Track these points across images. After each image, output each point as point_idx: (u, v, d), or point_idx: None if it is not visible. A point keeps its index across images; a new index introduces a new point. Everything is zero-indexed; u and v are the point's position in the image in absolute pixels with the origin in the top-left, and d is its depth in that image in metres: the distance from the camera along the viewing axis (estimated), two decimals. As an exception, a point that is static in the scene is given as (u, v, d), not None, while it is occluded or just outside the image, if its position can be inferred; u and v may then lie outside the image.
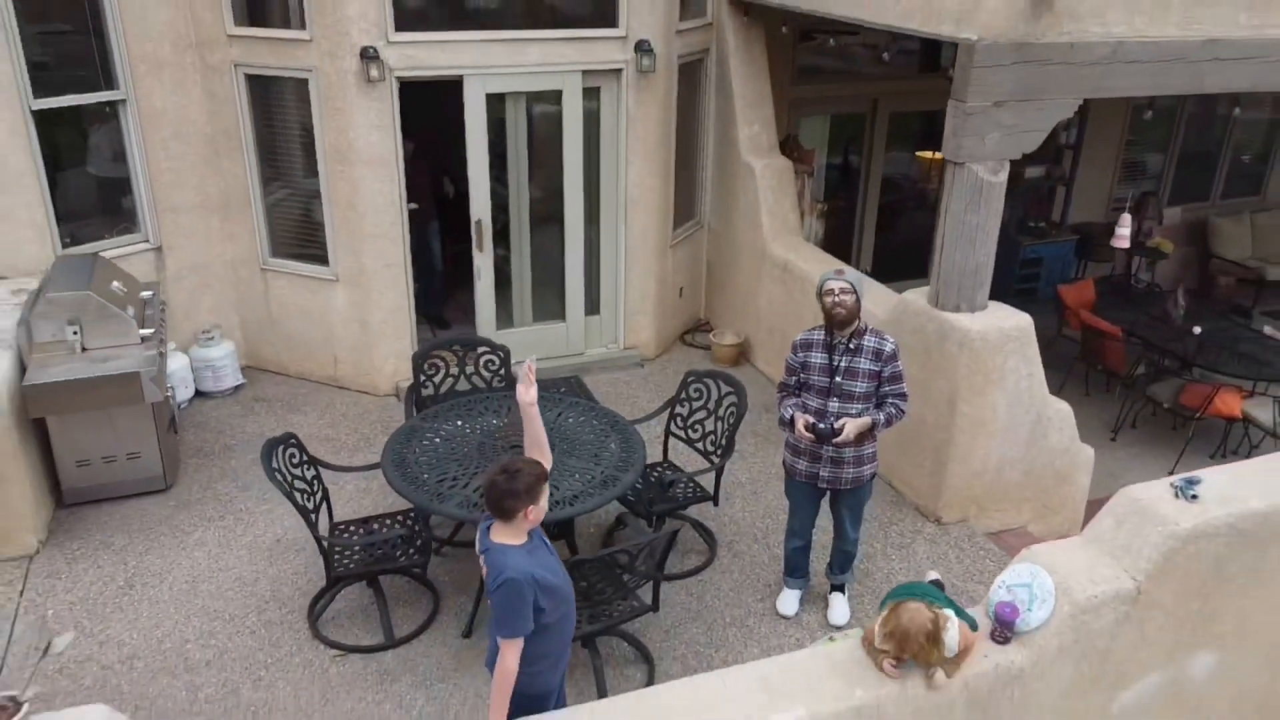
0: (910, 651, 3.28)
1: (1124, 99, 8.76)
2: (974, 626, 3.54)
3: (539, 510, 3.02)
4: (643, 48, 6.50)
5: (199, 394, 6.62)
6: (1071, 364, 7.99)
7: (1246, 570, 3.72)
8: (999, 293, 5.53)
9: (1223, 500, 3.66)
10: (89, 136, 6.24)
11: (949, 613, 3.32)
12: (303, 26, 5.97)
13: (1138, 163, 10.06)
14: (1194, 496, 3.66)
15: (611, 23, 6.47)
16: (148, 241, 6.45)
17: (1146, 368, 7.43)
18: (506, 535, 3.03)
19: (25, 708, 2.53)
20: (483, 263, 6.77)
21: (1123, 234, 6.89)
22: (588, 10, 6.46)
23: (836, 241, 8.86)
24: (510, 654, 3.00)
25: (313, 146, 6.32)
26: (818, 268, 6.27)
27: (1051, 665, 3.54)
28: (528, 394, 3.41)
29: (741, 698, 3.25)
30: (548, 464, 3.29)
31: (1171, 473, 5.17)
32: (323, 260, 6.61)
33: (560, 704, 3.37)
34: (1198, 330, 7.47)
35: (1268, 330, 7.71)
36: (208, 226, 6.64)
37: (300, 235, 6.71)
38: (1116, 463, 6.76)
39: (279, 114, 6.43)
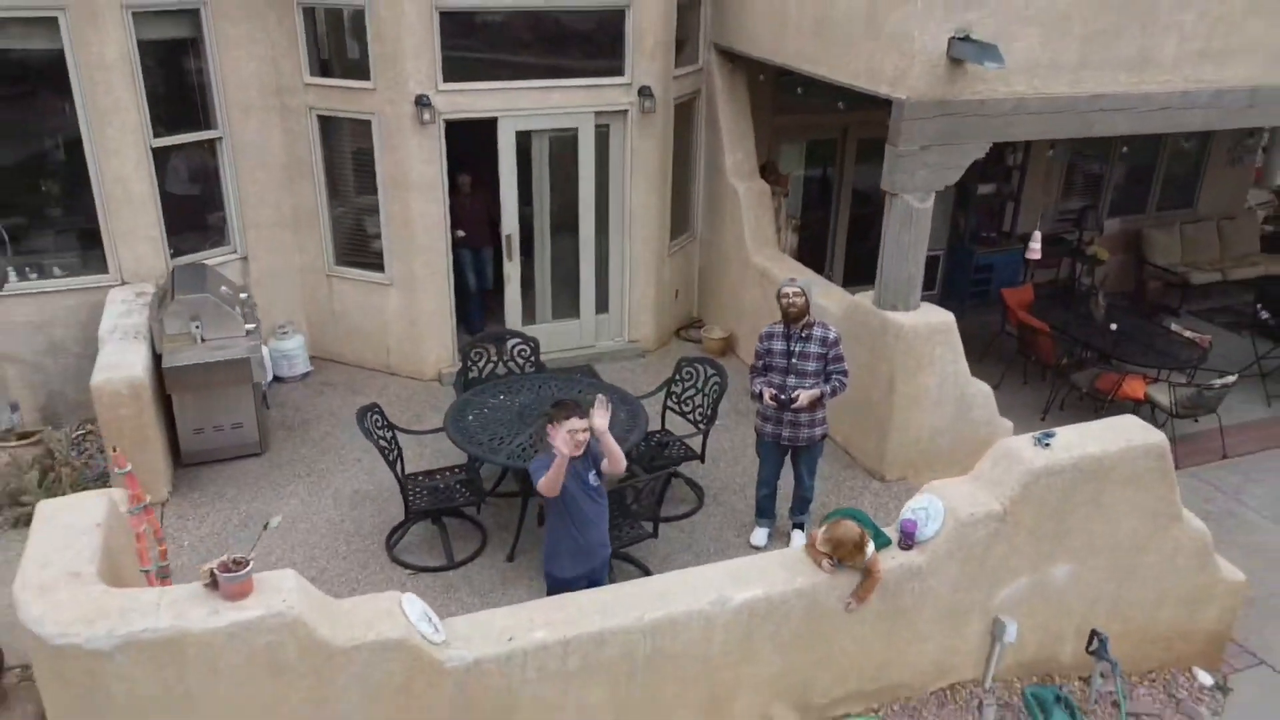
0: (841, 554, 4.64)
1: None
2: (889, 542, 4.90)
3: (558, 433, 4.39)
4: (644, 92, 7.85)
5: (276, 379, 7.97)
6: (1012, 356, 9.34)
7: (1089, 500, 5.07)
8: (957, 295, 6.85)
9: (1067, 448, 5.01)
10: (191, 166, 7.58)
11: (869, 535, 4.67)
12: (368, 78, 7.32)
13: (1079, 179, 11.42)
14: (1047, 445, 5.01)
15: (619, 72, 7.82)
16: (236, 251, 7.80)
17: (1070, 359, 8.78)
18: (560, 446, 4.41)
19: (251, 564, 3.85)
20: (512, 270, 8.13)
21: (1034, 248, 8.19)
22: (599, 62, 7.81)
23: (813, 251, 10.22)
24: (543, 483, 4.43)
25: (372, 174, 7.67)
26: (791, 274, 7.61)
27: (942, 565, 4.89)
28: (599, 423, 4.55)
29: (717, 583, 4.60)
30: (620, 470, 4.63)
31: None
32: (379, 268, 7.96)
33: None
34: (1114, 327, 8.82)
35: (1174, 327, 9.04)
36: (283, 239, 7.99)
37: (359, 247, 8.06)
38: (1039, 437, 8.09)
39: (344, 147, 7.78)
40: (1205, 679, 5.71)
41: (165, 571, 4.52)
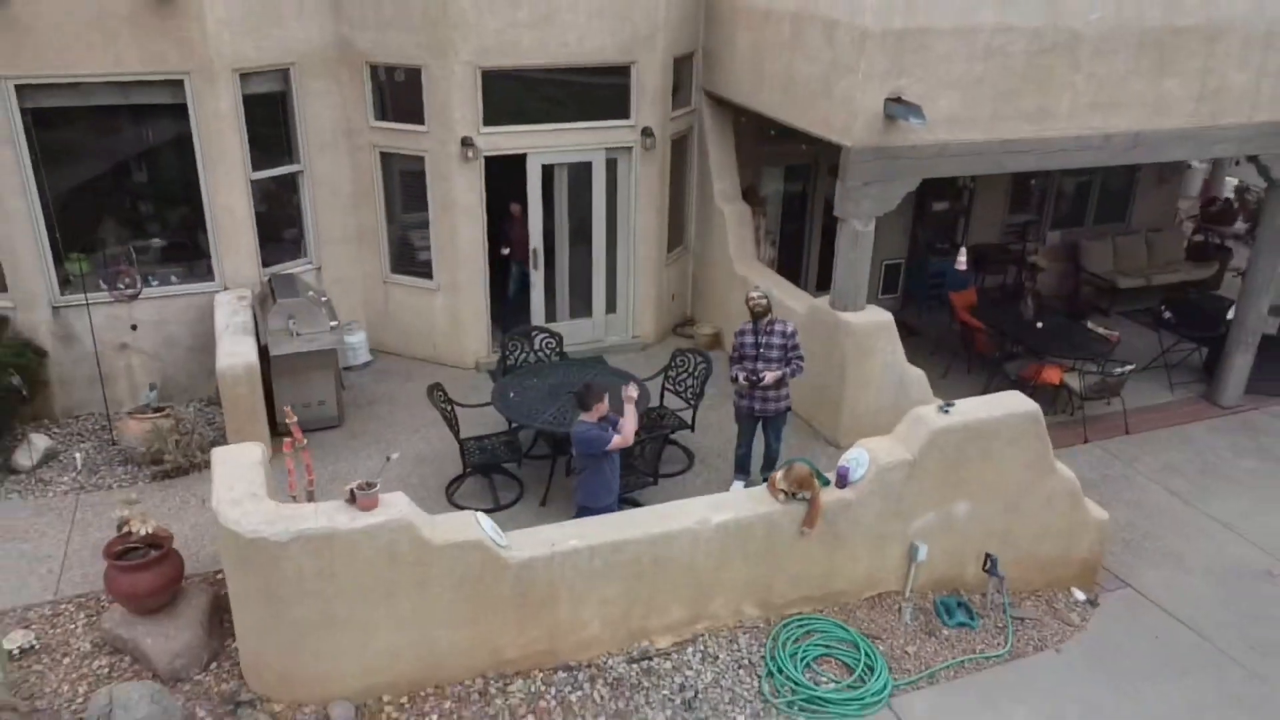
0: (795, 487, 6.34)
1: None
2: (828, 482, 6.61)
3: (602, 407, 6.09)
4: (646, 132, 9.56)
5: (344, 368, 9.67)
6: (958, 349, 11.06)
7: (980, 453, 6.77)
8: (915, 298, 8.43)
9: (963, 414, 6.72)
10: (278, 194, 9.28)
11: (816, 478, 6.38)
12: (422, 123, 9.03)
13: (1024, 197, 13.11)
14: (947, 411, 6.72)
15: (625, 115, 9.53)
16: (311, 263, 9.50)
17: (1002, 352, 10.49)
18: (585, 417, 6.11)
19: (378, 486, 5.52)
20: (536, 277, 9.84)
21: (961, 261, 9.88)
22: (609, 108, 9.51)
23: (791, 259, 11.93)
24: (614, 444, 6.15)
25: (423, 199, 9.37)
26: (766, 282, 9.32)
27: (868, 501, 6.60)
28: (630, 392, 6.38)
29: (701, 509, 6.31)
30: (629, 443, 6.32)
31: None
32: (428, 275, 9.67)
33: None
34: (1040, 325, 10.52)
35: (1090, 325, 10.74)
36: (349, 252, 9.69)
37: (411, 258, 9.77)
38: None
39: (400, 177, 9.49)
40: (1079, 596, 7.40)
41: (311, 496, 6.20)
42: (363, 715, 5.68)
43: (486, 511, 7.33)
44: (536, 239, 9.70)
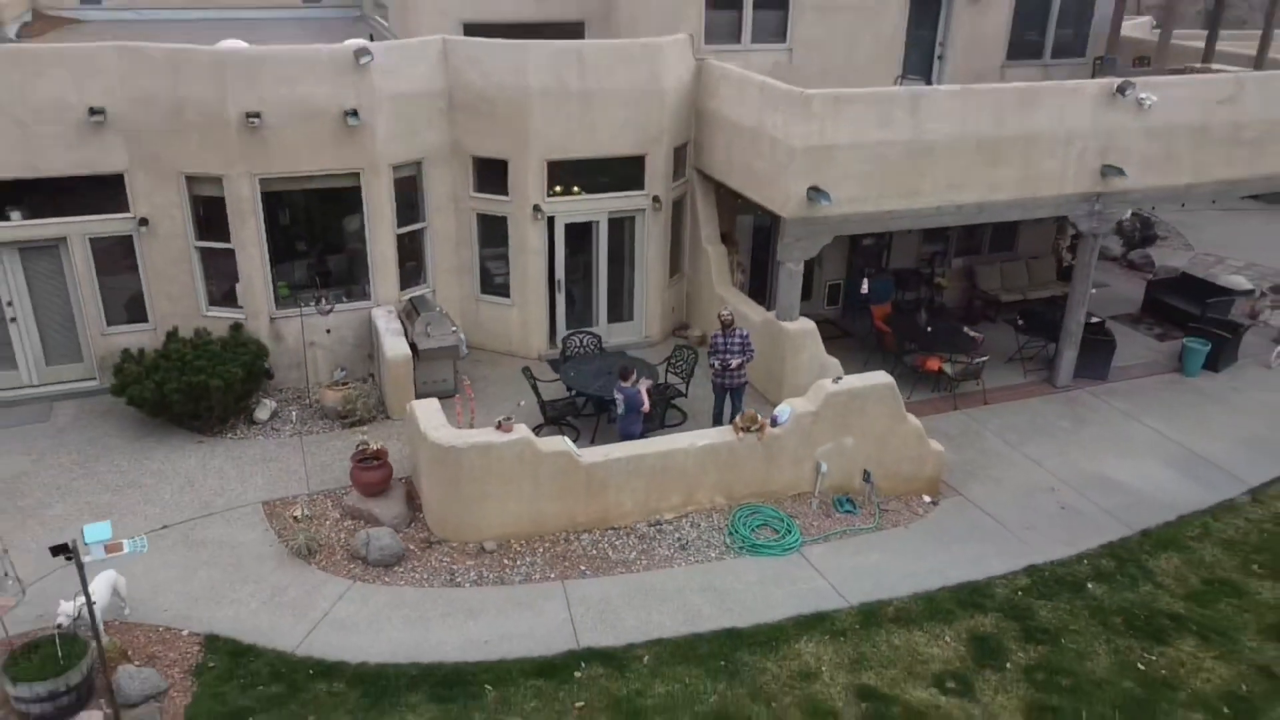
0: (747, 424, 10.89)
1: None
2: (773, 423, 11.15)
3: (633, 378, 10.66)
4: (656, 199, 14.08)
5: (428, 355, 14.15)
6: (874, 346, 15.57)
7: (858, 409, 11.27)
8: (851, 309, 12.83)
9: (847, 384, 11.24)
10: (410, 242, 13.76)
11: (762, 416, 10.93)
12: (506, 194, 13.55)
13: (934, 232, 17.57)
14: (838, 383, 11.24)
15: (641, 188, 14.05)
16: (429, 287, 14.02)
17: (902, 349, 15.00)
18: (624, 384, 10.67)
19: (511, 419, 9.94)
20: (560, 299, 14.38)
21: (864, 286, 14.35)
22: (630, 181, 14.02)
23: (758, 282, 16.40)
24: (645, 403, 10.67)
25: (504, 243, 13.88)
26: (737, 300, 13.83)
27: (790, 434, 11.13)
28: (646, 385, 10.92)
29: (689, 439, 10.85)
30: (647, 409, 10.87)
31: (908, 398, 12.59)
32: (505, 295, 14.18)
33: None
34: (929, 329, 15.04)
35: (965, 329, 15.25)
36: (452, 279, 14.20)
37: (493, 283, 14.28)
38: (878, 391, 14.30)
39: (486, 229, 14.00)
40: (926, 499, 11.91)
41: (473, 425, 10.71)
42: (501, 546, 10.22)
43: (559, 444, 11.93)
44: (560, 273, 14.19)
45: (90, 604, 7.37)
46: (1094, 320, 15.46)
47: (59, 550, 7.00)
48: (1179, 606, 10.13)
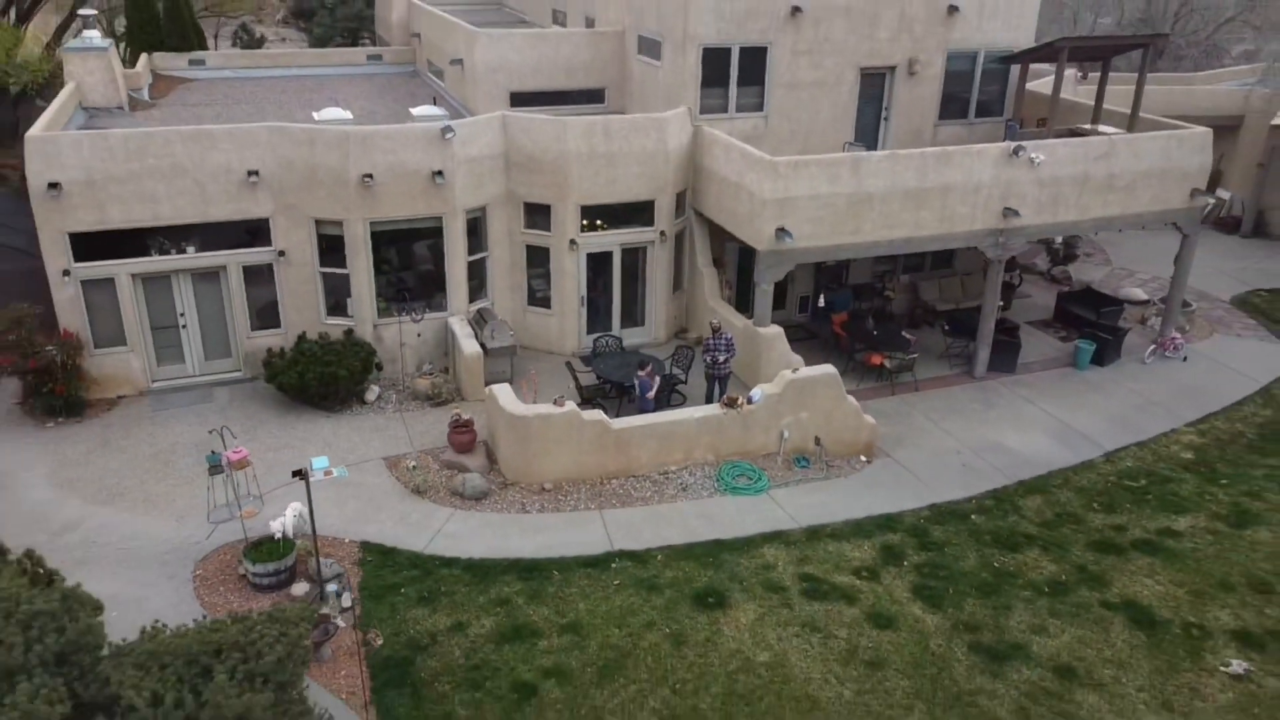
0: (729, 402, 15.20)
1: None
2: (748, 401, 15.45)
3: (649, 368, 14.97)
4: (662, 233, 18.38)
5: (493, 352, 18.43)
6: (834, 346, 19.84)
7: (811, 391, 15.57)
8: (818, 317, 17.14)
9: (803, 374, 15.52)
10: (476, 266, 18.02)
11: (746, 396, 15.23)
12: (549, 230, 17.84)
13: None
14: (795, 372, 15.52)
15: (651, 224, 18.34)
16: (489, 300, 18.29)
17: (854, 348, 19.27)
18: (641, 374, 14.99)
19: (564, 398, 14.15)
20: (583, 310, 18.69)
21: (823, 299, 18.60)
22: (644, 219, 18.30)
23: (744, 295, 20.67)
24: (653, 387, 14.96)
25: (547, 267, 18.15)
26: (724, 311, 18.11)
27: (761, 410, 15.42)
28: (654, 379, 15.22)
29: (688, 413, 15.15)
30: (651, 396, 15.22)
31: (858, 387, 16.87)
32: (548, 307, 18.47)
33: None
34: (875, 333, 19.32)
35: (904, 332, 19.51)
36: (507, 295, 18.47)
37: (539, 297, 18.56)
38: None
39: (535, 256, 18.27)
40: (862, 459, 16.18)
41: (535, 401, 15.00)
42: (556, 487, 14.50)
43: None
44: (583, 289, 18.45)
45: (311, 509, 11.63)
46: (1011, 324, 19.79)
47: (297, 473, 11.27)
48: (1033, 530, 14.41)
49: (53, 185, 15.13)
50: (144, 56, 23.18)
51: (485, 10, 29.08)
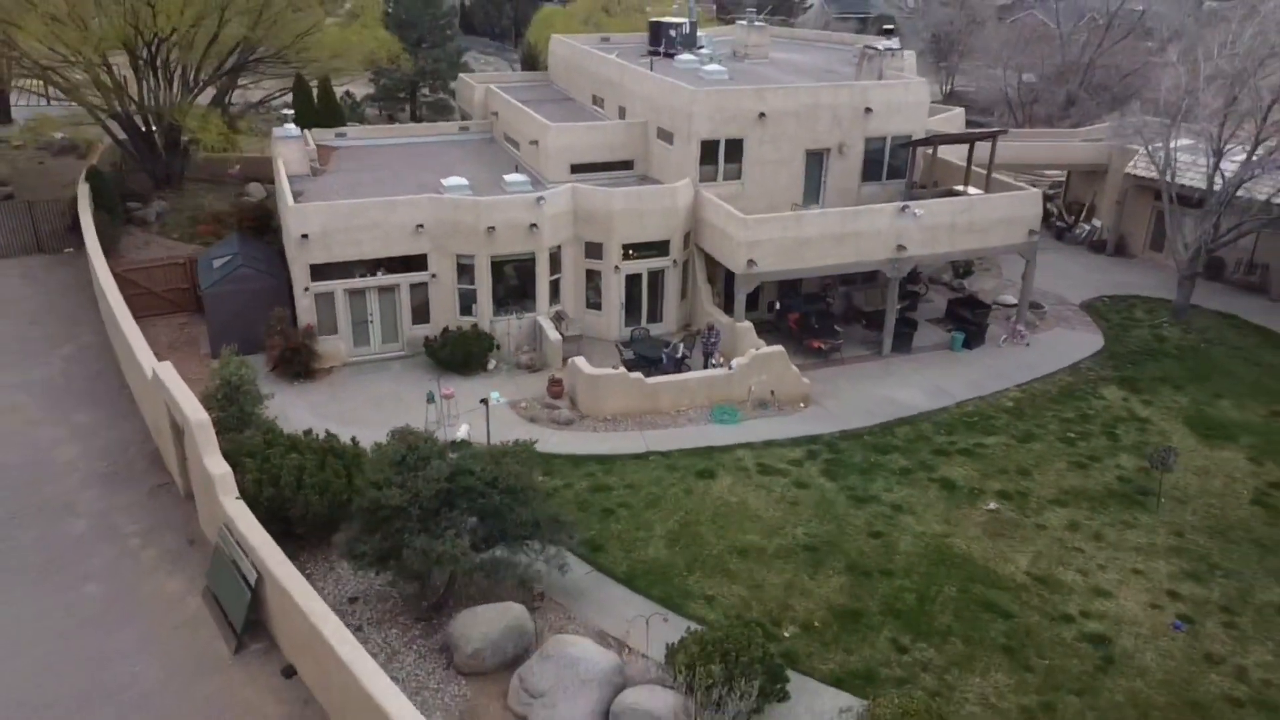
0: (722, 360, 24.91)
1: (810, 260, 30.32)
2: (730, 368, 25.13)
3: (672, 348, 24.68)
4: (675, 261, 28.03)
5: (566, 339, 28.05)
6: (790, 335, 29.47)
7: (768, 364, 25.19)
8: (779, 316, 26.76)
9: (761, 351, 25.14)
10: (555, 283, 27.63)
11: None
12: (600, 259, 27.47)
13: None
14: (757, 350, 25.14)
15: (667, 254, 27.98)
16: (562, 305, 27.91)
17: (804, 337, 28.88)
18: (666, 351, 24.68)
19: (618, 364, 23.59)
20: (632, 309, 28.39)
21: (777, 304, 28.17)
22: (660, 252, 27.93)
23: (729, 304, 30.29)
24: (675, 358, 24.67)
25: (599, 284, 27.77)
26: (716, 312, 27.73)
27: (737, 374, 25.09)
28: (674, 355, 24.92)
29: (693, 375, 24.82)
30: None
31: (805, 362, 26.36)
32: (599, 309, 28.11)
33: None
34: (817, 326, 28.93)
35: (835, 327, 29.10)
36: (572, 300, 28.08)
37: (593, 302, 28.20)
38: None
39: (591, 276, 27.90)
40: (801, 405, 25.78)
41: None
42: (614, 419, 24.12)
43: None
44: (622, 297, 28.08)
45: (488, 423, 21.22)
46: (910, 319, 29.45)
47: (483, 400, 20.88)
48: (898, 443, 24.02)
49: (303, 235, 24.75)
50: (307, 132, 32.76)
51: (536, 86, 38.66)
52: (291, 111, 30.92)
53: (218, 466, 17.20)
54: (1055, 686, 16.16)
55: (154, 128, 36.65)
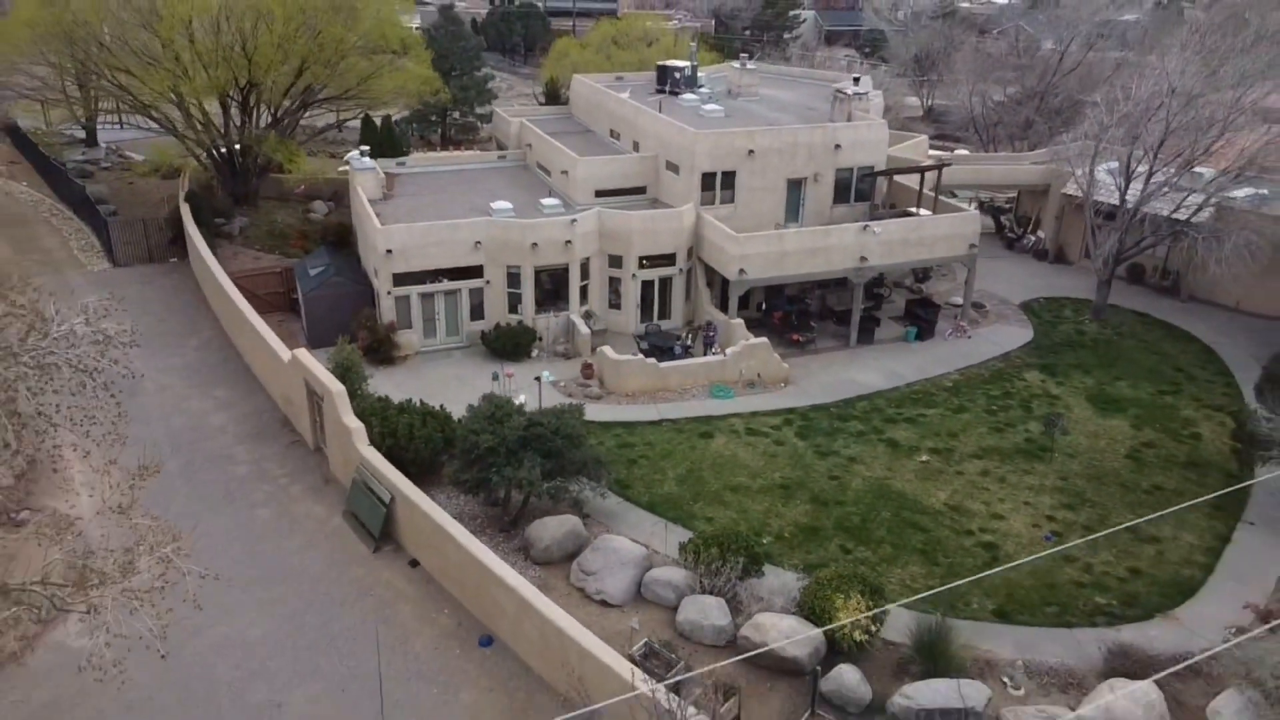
0: (719, 350, 31.58)
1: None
2: (725, 354, 31.78)
3: (684, 339, 31.34)
4: (680, 270, 34.64)
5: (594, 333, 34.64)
6: (775, 330, 36.03)
7: (754, 353, 31.79)
8: (766, 313, 33.34)
9: (751, 341, 31.77)
10: (584, 287, 34.26)
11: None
12: (621, 269, 34.09)
13: (807, 278, 38.08)
14: (747, 340, 31.75)
15: (674, 265, 34.59)
16: (590, 305, 34.53)
17: (787, 331, 35.47)
18: (676, 341, 31.35)
19: (637, 351, 30.15)
20: (646, 308, 35.03)
21: (763, 304, 34.75)
22: (670, 260, 34.54)
23: (724, 304, 36.89)
24: (681, 348, 31.34)
25: (620, 288, 34.39)
26: (714, 311, 34.31)
27: (731, 360, 31.71)
28: (681, 346, 31.58)
29: (697, 361, 31.45)
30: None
31: (786, 352, 32.90)
32: (619, 308, 34.71)
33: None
34: (795, 322, 35.53)
35: (812, 323, 35.68)
36: (598, 300, 34.69)
37: (614, 303, 34.80)
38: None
39: (613, 282, 34.53)
40: (782, 385, 32.39)
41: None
42: (634, 394, 30.75)
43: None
44: (638, 299, 34.68)
45: (540, 398, 27.83)
46: (873, 317, 36.04)
47: (536, 378, 27.52)
48: (858, 414, 30.63)
49: (388, 250, 31.37)
50: (376, 162, 39.30)
51: (559, 119, 45.28)
52: (367, 148, 37.46)
53: (354, 422, 23.82)
54: (955, 575, 22.77)
55: (236, 154, 43.27)
